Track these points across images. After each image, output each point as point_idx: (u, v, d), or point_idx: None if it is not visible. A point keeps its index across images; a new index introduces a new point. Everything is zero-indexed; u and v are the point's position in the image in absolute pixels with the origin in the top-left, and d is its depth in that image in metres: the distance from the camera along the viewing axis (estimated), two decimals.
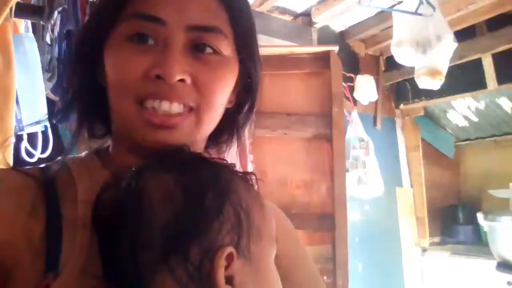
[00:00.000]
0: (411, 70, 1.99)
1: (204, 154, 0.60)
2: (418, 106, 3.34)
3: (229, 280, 0.43)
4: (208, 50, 0.55)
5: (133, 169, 0.48)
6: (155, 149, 0.53)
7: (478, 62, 2.73)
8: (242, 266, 0.44)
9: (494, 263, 2.58)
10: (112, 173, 0.55)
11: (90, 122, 0.62)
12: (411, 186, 3.42)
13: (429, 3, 1.75)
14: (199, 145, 0.60)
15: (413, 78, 1.98)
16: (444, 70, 1.78)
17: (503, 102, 2.95)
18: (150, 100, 0.52)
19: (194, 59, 0.54)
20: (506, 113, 3.01)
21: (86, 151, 0.61)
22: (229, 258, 0.43)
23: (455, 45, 1.79)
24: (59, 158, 0.59)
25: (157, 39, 0.53)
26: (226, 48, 0.56)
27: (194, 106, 0.54)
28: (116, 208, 0.46)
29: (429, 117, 3.49)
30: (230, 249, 0.43)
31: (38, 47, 1.27)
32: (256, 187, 0.52)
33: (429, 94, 3.05)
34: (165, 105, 0.52)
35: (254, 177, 0.52)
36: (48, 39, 1.32)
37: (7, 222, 0.49)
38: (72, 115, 0.60)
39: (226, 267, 0.43)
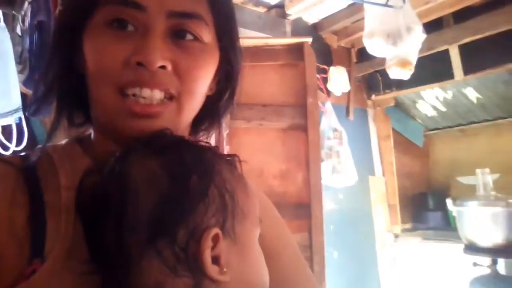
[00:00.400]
0: (382, 61, 2.04)
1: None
2: (388, 96, 3.43)
3: (215, 260, 0.44)
4: (189, 36, 0.55)
5: (116, 154, 0.49)
6: (136, 138, 0.52)
7: (445, 53, 2.82)
8: (228, 246, 0.45)
9: (462, 246, 2.70)
10: (94, 160, 0.55)
11: (69, 110, 0.61)
12: (383, 175, 3.51)
13: None
14: (182, 133, 0.60)
15: (384, 70, 2.03)
16: (414, 61, 1.84)
17: (469, 92, 3.06)
18: (130, 88, 0.52)
19: (174, 45, 0.54)
20: (472, 103, 3.13)
21: (66, 140, 0.60)
22: (215, 238, 0.44)
23: (424, 36, 1.85)
24: (39, 146, 0.59)
25: (137, 25, 0.52)
26: (207, 35, 0.56)
27: (175, 94, 0.54)
28: (100, 192, 0.46)
29: (399, 107, 3.59)
30: (216, 230, 0.44)
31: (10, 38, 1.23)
32: (239, 169, 0.53)
33: (399, 85, 3.13)
34: (146, 92, 0.52)
35: (237, 159, 0.53)
36: (18, 31, 1.28)
37: None
38: (46, 106, 0.60)
39: (212, 248, 0.44)
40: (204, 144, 0.53)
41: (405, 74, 1.83)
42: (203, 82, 0.57)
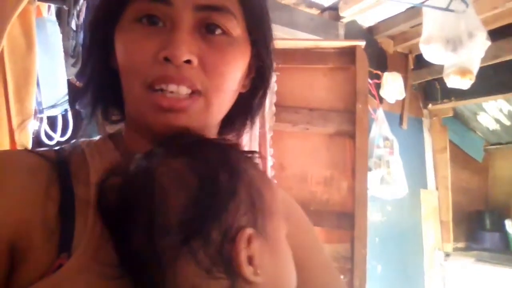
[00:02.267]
0: (441, 69, 1.92)
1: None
2: (447, 106, 3.24)
3: (249, 260, 0.43)
4: (218, 31, 0.54)
5: (138, 155, 0.48)
6: (164, 133, 0.52)
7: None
8: (260, 246, 0.44)
9: None
10: (123, 156, 0.56)
11: (104, 106, 0.62)
12: (436, 189, 3.33)
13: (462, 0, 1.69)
14: (211, 131, 0.60)
15: (442, 78, 1.91)
16: (475, 70, 1.71)
17: None
18: (158, 84, 0.52)
19: (203, 40, 0.53)
20: None
21: (100, 135, 0.61)
22: (249, 239, 0.43)
23: (488, 43, 1.71)
24: (73, 141, 0.60)
25: (166, 20, 0.52)
26: (236, 28, 0.55)
27: (202, 89, 0.53)
28: (126, 195, 0.46)
29: (458, 118, 3.39)
30: (250, 230, 0.43)
31: (63, 32, 1.28)
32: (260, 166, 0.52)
33: (459, 95, 2.95)
34: (172, 88, 0.52)
35: (257, 156, 0.52)
36: (73, 25, 1.33)
37: (24, 201, 0.49)
38: (86, 99, 0.61)
39: (246, 248, 0.43)
40: (226, 141, 0.53)
41: (465, 83, 1.70)
42: (231, 78, 0.56)
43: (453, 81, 1.72)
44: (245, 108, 0.63)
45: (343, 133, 2.13)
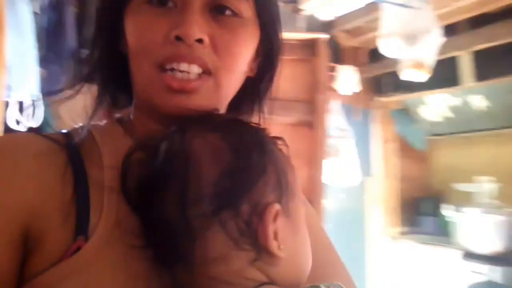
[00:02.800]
0: (392, 63, 2.02)
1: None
2: (395, 99, 3.41)
3: (274, 235, 0.45)
4: (228, 12, 0.54)
5: (169, 130, 0.49)
6: (175, 115, 0.53)
7: (456, 59, 2.81)
8: (284, 223, 0.46)
9: (458, 252, 2.70)
10: (135, 140, 0.55)
11: (113, 91, 0.62)
12: (383, 177, 3.52)
13: None
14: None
15: (393, 72, 2.01)
16: (431, 64, 1.82)
17: (478, 99, 3.05)
18: (169, 63, 0.52)
19: (213, 20, 0.53)
20: (479, 111, 3.13)
21: (106, 120, 0.61)
22: (276, 214, 0.45)
23: (441, 39, 1.83)
24: (81, 124, 0.59)
25: (176, 1, 0.53)
26: (247, 9, 0.56)
27: (213, 69, 0.54)
28: (158, 166, 0.46)
29: (405, 111, 3.58)
30: (277, 206, 0.45)
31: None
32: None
33: (407, 88, 3.12)
34: (183, 67, 0.52)
35: (282, 142, 0.54)
36: (37, 9, 1.25)
37: (39, 185, 0.49)
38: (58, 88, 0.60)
39: (273, 223, 0.45)
40: (255, 124, 0.55)
41: (421, 76, 1.81)
42: (241, 58, 0.56)
43: (410, 75, 1.83)
44: (252, 92, 0.64)
45: (303, 123, 2.18)
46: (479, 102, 3.10)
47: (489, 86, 2.85)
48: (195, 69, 0.52)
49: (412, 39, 1.81)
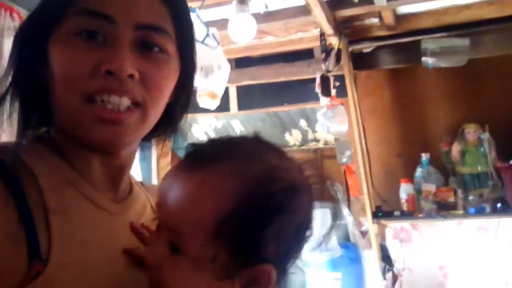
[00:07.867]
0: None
1: None
2: None
3: None
4: (156, 48, 0.58)
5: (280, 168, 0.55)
6: (101, 145, 0.56)
7: (226, 89, 3.38)
8: None
9: None
10: (63, 160, 0.58)
11: (27, 114, 0.60)
12: None
13: (214, 37, 2.17)
14: (139, 139, 0.64)
15: None
16: (220, 93, 2.22)
17: (236, 124, 3.73)
18: (99, 95, 0.53)
19: (141, 56, 0.56)
20: (236, 134, 3.81)
21: (25, 138, 0.59)
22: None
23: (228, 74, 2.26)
24: (4, 145, 0.58)
25: (106, 36, 0.54)
26: (171, 47, 0.60)
27: (141, 102, 0.56)
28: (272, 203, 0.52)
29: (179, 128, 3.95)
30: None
31: None
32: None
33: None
34: (114, 99, 0.54)
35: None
36: None
37: None
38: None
39: None
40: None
41: (213, 104, 2.18)
42: (166, 91, 0.61)
43: (205, 102, 2.17)
44: (167, 116, 0.66)
45: None
46: (236, 126, 3.78)
47: (245, 115, 3.53)
48: (125, 102, 0.55)
49: (206, 72, 2.16)
